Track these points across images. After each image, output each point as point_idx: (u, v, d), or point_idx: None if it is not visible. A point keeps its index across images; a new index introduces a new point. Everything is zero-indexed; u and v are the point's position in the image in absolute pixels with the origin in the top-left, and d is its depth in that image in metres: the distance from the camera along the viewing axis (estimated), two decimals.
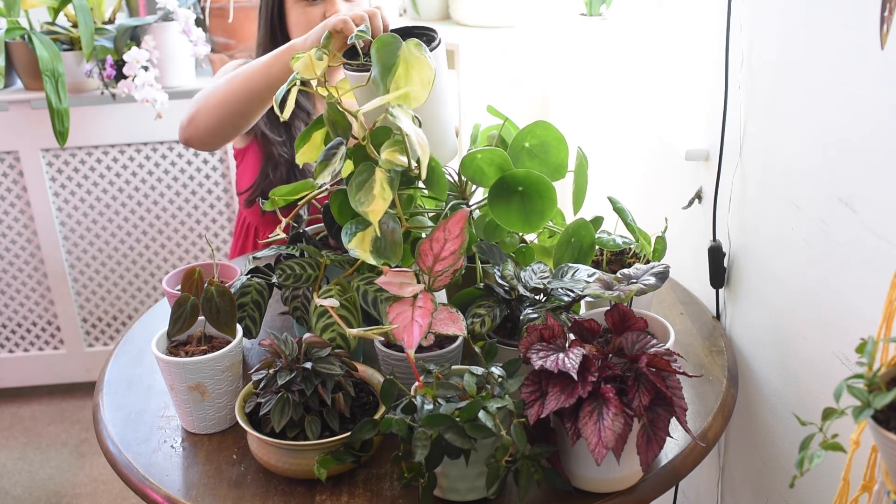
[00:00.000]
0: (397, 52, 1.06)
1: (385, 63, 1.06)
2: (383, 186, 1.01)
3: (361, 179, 1.01)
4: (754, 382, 1.28)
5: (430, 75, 1.05)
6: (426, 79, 1.05)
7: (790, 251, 1.13)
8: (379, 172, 1.01)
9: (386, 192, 1.00)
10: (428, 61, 1.06)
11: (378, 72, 1.06)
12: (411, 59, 1.06)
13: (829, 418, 0.69)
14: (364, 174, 1.02)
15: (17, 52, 2.37)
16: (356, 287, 1.09)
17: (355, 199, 1.00)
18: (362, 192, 1.00)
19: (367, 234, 1.04)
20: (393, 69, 1.06)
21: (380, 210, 1.00)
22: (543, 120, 1.18)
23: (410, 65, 1.06)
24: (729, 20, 1.25)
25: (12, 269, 2.60)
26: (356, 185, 1.01)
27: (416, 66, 1.06)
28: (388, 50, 1.06)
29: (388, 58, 1.06)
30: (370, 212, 1.00)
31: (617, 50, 2.02)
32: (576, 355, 0.90)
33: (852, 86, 0.95)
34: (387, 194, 1.00)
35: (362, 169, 1.02)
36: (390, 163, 1.00)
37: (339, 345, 1.07)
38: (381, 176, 1.01)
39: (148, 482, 1.03)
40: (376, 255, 1.04)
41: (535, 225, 1.16)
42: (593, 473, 0.95)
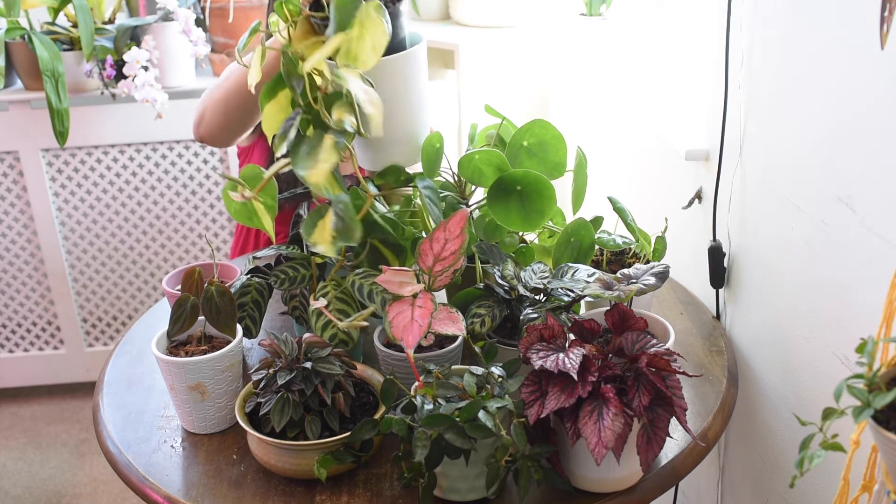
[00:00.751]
0: (355, 11, 1.01)
1: (341, 21, 1.00)
2: (329, 151, 0.96)
3: (309, 146, 0.97)
4: (754, 382, 1.28)
5: (383, 41, 1.00)
6: (378, 44, 1.00)
7: (790, 251, 1.13)
8: (327, 138, 0.97)
9: (331, 157, 0.96)
10: (384, 26, 1.01)
11: (333, 30, 1.00)
12: (367, 20, 1.00)
13: (829, 418, 0.69)
14: (313, 141, 0.98)
15: (17, 52, 2.37)
16: (351, 282, 1.09)
17: (298, 165, 0.96)
18: (308, 159, 0.96)
19: (326, 221, 0.99)
20: (347, 29, 1.00)
21: (322, 172, 0.96)
22: (541, 118, 1.18)
23: (365, 27, 1.00)
24: (729, 20, 1.25)
25: (12, 269, 2.60)
26: (302, 153, 0.97)
27: (370, 29, 1.00)
28: (347, 8, 1.00)
29: (345, 16, 1.00)
30: (312, 175, 0.95)
31: (617, 50, 2.02)
32: (576, 355, 0.90)
33: (852, 86, 0.95)
34: (332, 158, 0.96)
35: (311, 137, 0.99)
36: (340, 122, 0.97)
37: (341, 340, 1.07)
38: (328, 142, 0.97)
39: (148, 482, 1.03)
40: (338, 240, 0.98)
41: (534, 223, 1.16)
42: (593, 473, 0.95)
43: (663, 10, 1.83)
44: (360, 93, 0.96)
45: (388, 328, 0.96)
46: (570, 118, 2.39)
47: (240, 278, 1.24)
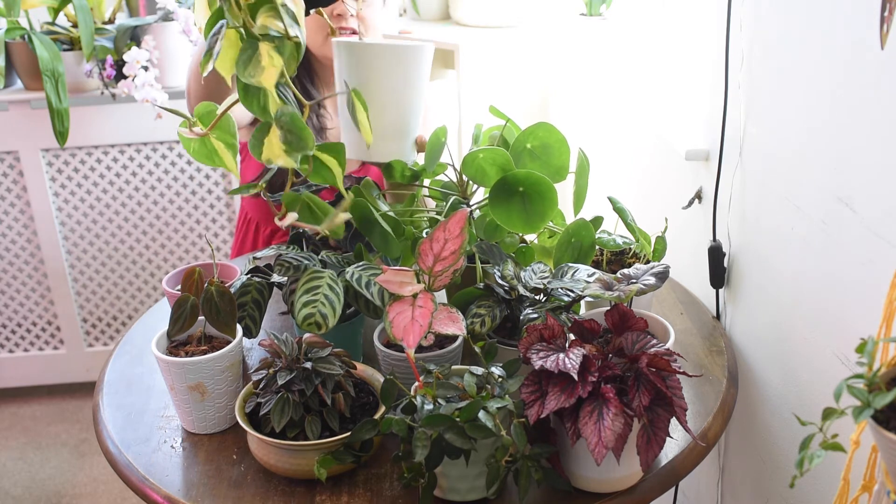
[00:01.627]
0: None
1: None
2: (271, 55, 0.95)
3: (247, 56, 0.95)
4: (754, 382, 1.28)
5: None
6: None
7: (790, 251, 1.13)
8: (263, 45, 0.95)
9: (275, 60, 0.95)
10: None
11: None
12: None
13: (829, 418, 0.69)
14: (249, 51, 0.96)
15: (17, 52, 2.38)
16: (350, 273, 1.09)
17: (245, 75, 0.94)
18: (251, 67, 0.95)
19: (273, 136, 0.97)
20: None
21: (272, 76, 0.94)
22: (545, 122, 1.18)
23: None
24: (729, 20, 1.25)
25: (12, 269, 2.60)
26: (242, 63, 0.95)
27: None
28: None
29: None
30: (264, 79, 0.94)
31: (617, 50, 2.02)
32: (576, 355, 0.90)
33: (852, 86, 0.95)
34: (276, 61, 0.95)
35: (245, 47, 0.96)
36: (265, 27, 0.95)
37: (315, 322, 1.06)
38: (266, 47, 0.95)
39: (148, 482, 1.03)
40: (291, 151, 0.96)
41: (535, 226, 1.16)
42: (593, 473, 0.95)
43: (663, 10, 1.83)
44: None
45: (389, 328, 0.95)
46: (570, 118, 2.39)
47: (240, 278, 1.24)
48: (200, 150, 1.08)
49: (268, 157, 0.96)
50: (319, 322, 1.05)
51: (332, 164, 1.04)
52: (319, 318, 1.05)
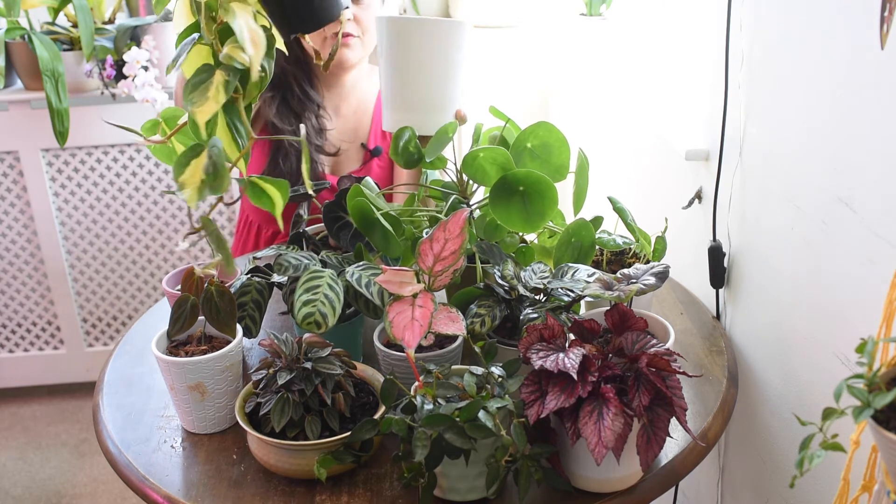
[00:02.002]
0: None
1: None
2: (219, 90, 0.93)
3: (199, 80, 0.94)
4: (754, 382, 1.28)
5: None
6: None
7: (790, 251, 1.13)
8: (218, 75, 0.94)
9: (219, 95, 0.93)
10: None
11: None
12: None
13: (829, 418, 0.69)
14: (203, 74, 0.95)
15: (17, 52, 2.37)
16: (350, 273, 1.09)
17: (188, 99, 0.93)
18: (196, 93, 0.93)
19: (199, 162, 0.94)
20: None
21: (208, 111, 0.92)
22: (546, 121, 1.18)
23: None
24: (729, 20, 1.25)
25: (12, 269, 2.60)
26: (192, 86, 0.94)
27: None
28: None
29: None
30: (198, 112, 0.92)
31: (617, 50, 2.02)
32: (576, 355, 0.90)
33: (852, 86, 0.95)
34: (220, 97, 0.93)
35: (202, 69, 0.95)
36: (230, 58, 0.94)
37: (315, 322, 1.06)
38: (219, 78, 0.94)
39: (148, 482, 1.03)
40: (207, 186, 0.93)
41: (535, 225, 1.16)
42: (593, 473, 0.95)
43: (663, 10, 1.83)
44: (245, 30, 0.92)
45: (389, 328, 0.95)
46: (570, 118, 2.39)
47: (240, 278, 1.24)
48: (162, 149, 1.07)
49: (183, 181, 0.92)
50: (319, 321, 1.05)
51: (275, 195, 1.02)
52: (319, 318, 1.05)
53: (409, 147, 1.25)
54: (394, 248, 1.17)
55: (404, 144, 1.24)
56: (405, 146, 1.24)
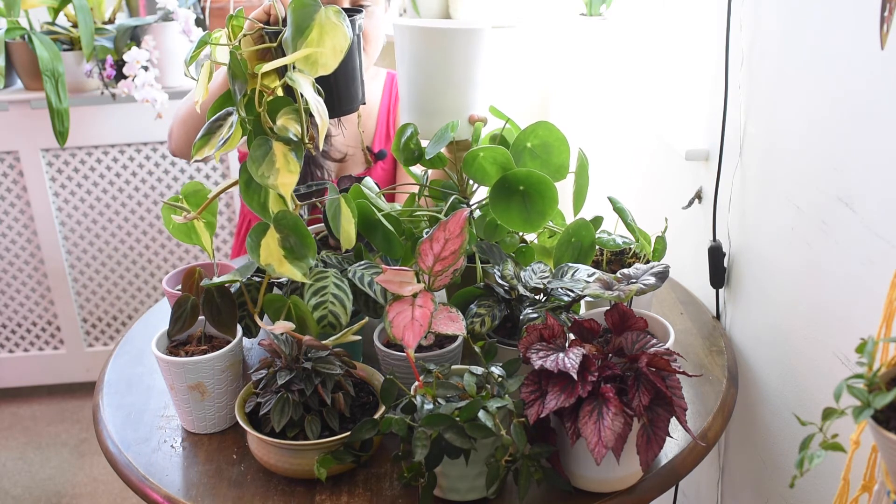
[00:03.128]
0: (314, 14, 1.00)
1: (299, 24, 1.00)
2: (287, 158, 0.96)
3: (261, 153, 0.96)
4: (754, 382, 1.28)
5: (343, 43, 1.00)
6: (339, 46, 0.99)
7: (790, 251, 1.13)
8: (277, 145, 0.97)
9: (291, 164, 0.96)
10: (344, 29, 1.00)
11: (290, 33, 1.01)
12: (327, 24, 1.00)
13: (829, 418, 0.69)
14: (263, 147, 0.97)
15: (17, 52, 2.38)
16: (353, 272, 1.09)
17: (259, 174, 0.95)
18: (264, 167, 0.96)
19: (271, 239, 0.99)
20: (307, 31, 1.00)
21: (289, 183, 0.95)
22: (546, 121, 1.18)
23: (325, 30, 1.00)
24: (729, 20, 1.25)
25: (12, 269, 2.60)
26: (256, 160, 0.96)
27: (330, 32, 1.00)
28: (305, 11, 1.00)
29: (303, 19, 1.00)
30: (279, 184, 0.95)
31: (617, 50, 2.02)
32: (576, 355, 0.90)
33: (852, 86, 0.95)
34: (292, 167, 0.96)
35: (259, 142, 0.98)
36: (285, 129, 0.96)
37: (329, 323, 1.06)
38: (281, 148, 0.97)
39: (148, 482, 1.03)
40: (293, 259, 0.99)
41: (535, 225, 1.16)
42: (593, 473, 0.95)
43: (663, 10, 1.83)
44: (311, 98, 0.96)
45: (389, 328, 0.96)
46: (570, 118, 2.39)
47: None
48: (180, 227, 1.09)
49: (268, 263, 0.98)
50: (333, 322, 1.06)
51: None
52: (332, 319, 1.06)
53: (410, 144, 1.25)
54: (395, 250, 1.17)
55: (406, 141, 1.25)
56: (406, 143, 1.25)
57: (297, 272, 1.00)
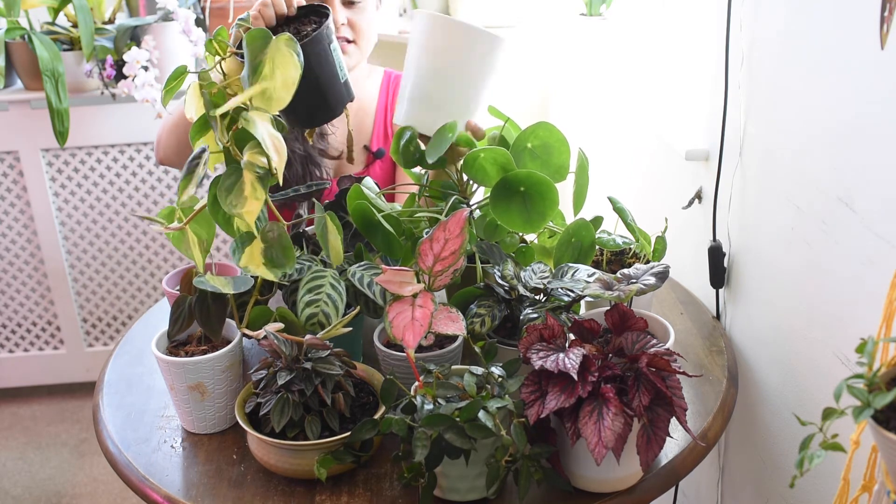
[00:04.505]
0: (265, 48, 0.99)
1: (252, 61, 1.00)
2: (254, 186, 0.97)
3: (230, 183, 0.98)
4: (754, 382, 1.28)
5: (294, 75, 0.99)
6: (290, 79, 0.99)
7: (790, 251, 1.13)
8: (247, 174, 0.98)
9: (258, 192, 0.97)
10: (294, 59, 0.99)
11: (246, 70, 1.00)
12: (278, 56, 0.99)
13: (829, 418, 0.69)
14: (232, 177, 0.99)
15: (17, 52, 2.37)
16: (352, 273, 1.09)
17: (227, 203, 0.97)
18: (233, 196, 0.97)
19: (255, 248, 1.01)
20: (259, 67, 0.99)
21: (254, 210, 0.97)
22: (546, 121, 1.18)
23: (276, 63, 0.99)
24: (729, 20, 1.25)
25: (12, 269, 2.60)
26: (225, 189, 0.98)
27: (280, 66, 0.99)
28: (256, 46, 0.99)
29: (255, 55, 0.99)
30: (245, 213, 0.97)
31: (617, 50, 2.02)
32: (576, 355, 0.90)
33: (852, 86, 0.95)
34: (259, 194, 0.97)
35: (229, 172, 0.99)
36: (252, 165, 0.98)
37: (319, 322, 1.06)
38: (249, 177, 0.98)
39: (148, 482, 1.03)
40: (271, 266, 1.01)
41: (536, 225, 1.16)
42: (593, 473, 0.95)
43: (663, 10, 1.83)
44: (266, 137, 0.97)
45: (389, 328, 0.96)
46: (570, 118, 2.39)
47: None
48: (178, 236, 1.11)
49: (246, 266, 1.01)
50: (322, 321, 1.05)
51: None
52: (322, 318, 1.05)
53: (410, 147, 1.25)
54: (395, 250, 1.17)
55: (405, 144, 1.24)
56: (406, 146, 1.25)
57: (272, 275, 1.02)
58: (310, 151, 1.63)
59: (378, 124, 1.74)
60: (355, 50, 1.62)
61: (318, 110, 1.17)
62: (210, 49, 1.09)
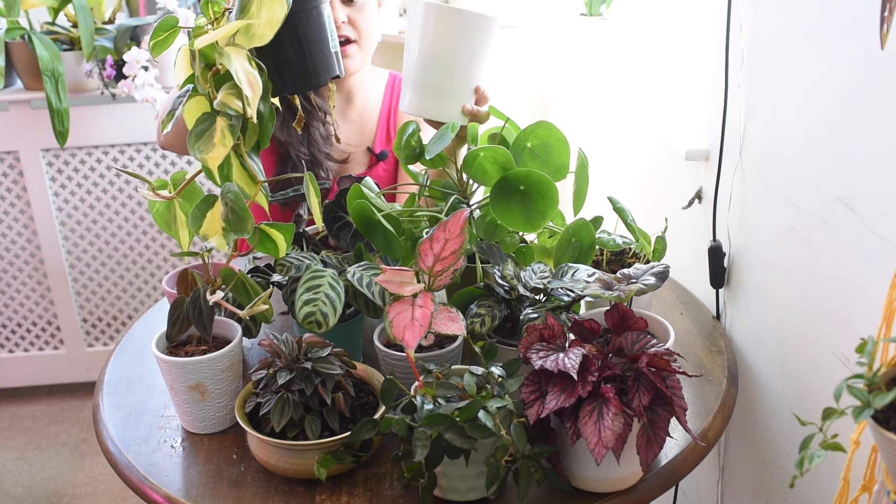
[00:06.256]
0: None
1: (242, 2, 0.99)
2: (224, 134, 0.97)
3: (202, 129, 0.97)
4: (754, 382, 1.28)
5: (279, 13, 0.98)
6: (275, 17, 0.98)
7: (790, 251, 1.13)
8: (220, 121, 0.98)
9: (226, 139, 0.96)
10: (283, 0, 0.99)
11: (235, 10, 1.00)
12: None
13: (829, 418, 0.69)
14: (205, 123, 0.98)
15: (17, 52, 2.37)
16: (351, 273, 1.09)
17: (194, 148, 0.96)
18: (202, 141, 0.97)
19: (215, 212, 0.99)
20: (247, 5, 0.99)
21: (219, 156, 0.96)
22: (545, 120, 1.18)
23: (263, 2, 0.98)
24: (729, 20, 1.25)
25: (12, 269, 2.60)
26: (196, 135, 0.97)
27: (267, 3, 0.98)
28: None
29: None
30: (209, 158, 0.96)
31: (617, 50, 2.02)
32: (576, 355, 0.90)
33: (852, 86, 0.95)
34: (227, 141, 0.96)
35: (203, 118, 0.98)
36: (225, 105, 0.97)
37: (317, 321, 1.06)
38: (221, 124, 0.97)
39: (148, 482, 1.03)
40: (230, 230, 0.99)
41: (536, 224, 1.16)
42: (593, 473, 0.95)
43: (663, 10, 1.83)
44: (240, 71, 0.95)
45: (389, 328, 0.96)
46: (570, 118, 2.39)
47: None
48: (162, 213, 1.10)
49: (205, 233, 0.99)
50: (320, 321, 1.05)
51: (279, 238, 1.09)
52: (320, 317, 1.05)
53: (412, 141, 1.25)
54: (396, 250, 1.17)
55: (407, 139, 1.25)
56: (408, 140, 1.25)
57: (224, 242, 0.99)
58: (315, 154, 1.62)
59: (381, 126, 1.74)
60: (357, 51, 1.61)
61: (301, 75, 1.13)
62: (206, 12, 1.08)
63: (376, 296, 1.06)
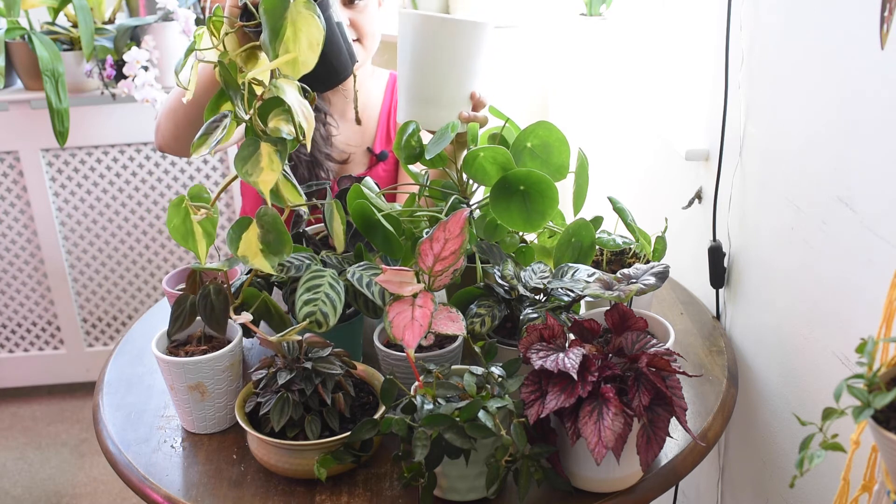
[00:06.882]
0: (284, 12, 0.99)
1: (273, 25, 0.99)
2: (271, 158, 0.98)
3: (247, 153, 0.98)
4: (754, 382, 1.28)
5: (318, 36, 0.99)
6: (314, 40, 0.99)
7: (790, 251, 1.13)
8: (264, 146, 0.98)
9: (274, 164, 0.97)
10: (317, 20, 0.99)
11: (266, 35, 1.00)
12: (299, 19, 0.99)
13: (829, 418, 0.69)
14: (250, 147, 0.99)
15: (17, 52, 2.37)
16: (351, 273, 1.09)
17: (243, 172, 0.98)
18: (249, 165, 0.98)
19: (252, 233, 1.01)
20: (280, 32, 0.99)
21: (270, 181, 0.97)
22: (545, 120, 1.18)
23: (298, 26, 0.99)
24: (729, 20, 1.25)
25: (12, 269, 2.60)
26: (241, 159, 0.98)
27: (304, 27, 0.99)
28: (276, 10, 0.99)
29: (275, 19, 0.99)
30: (260, 182, 0.97)
31: (617, 50, 2.02)
32: (576, 355, 0.90)
33: (852, 86, 0.95)
34: (275, 165, 0.97)
35: (248, 143, 0.99)
36: (277, 130, 0.98)
37: (316, 321, 1.06)
38: (267, 149, 0.98)
39: (148, 482, 1.03)
40: (269, 253, 1.01)
41: (536, 224, 1.16)
42: (593, 473, 0.95)
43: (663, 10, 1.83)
44: (295, 103, 0.97)
45: (389, 328, 0.95)
46: (570, 118, 2.39)
47: (240, 278, 1.24)
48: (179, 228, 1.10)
49: (244, 255, 1.00)
50: (320, 320, 1.05)
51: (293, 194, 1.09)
52: (320, 317, 1.05)
53: (412, 141, 1.25)
54: (395, 250, 1.17)
55: (407, 139, 1.25)
56: (408, 140, 1.25)
57: (269, 265, 1.01)
58: (315, 155, 1.62)
59: (381, 126, 1.74)
60: (360, 49, 1.61)
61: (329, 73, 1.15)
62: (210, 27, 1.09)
63: (376, 296, 1.06)
